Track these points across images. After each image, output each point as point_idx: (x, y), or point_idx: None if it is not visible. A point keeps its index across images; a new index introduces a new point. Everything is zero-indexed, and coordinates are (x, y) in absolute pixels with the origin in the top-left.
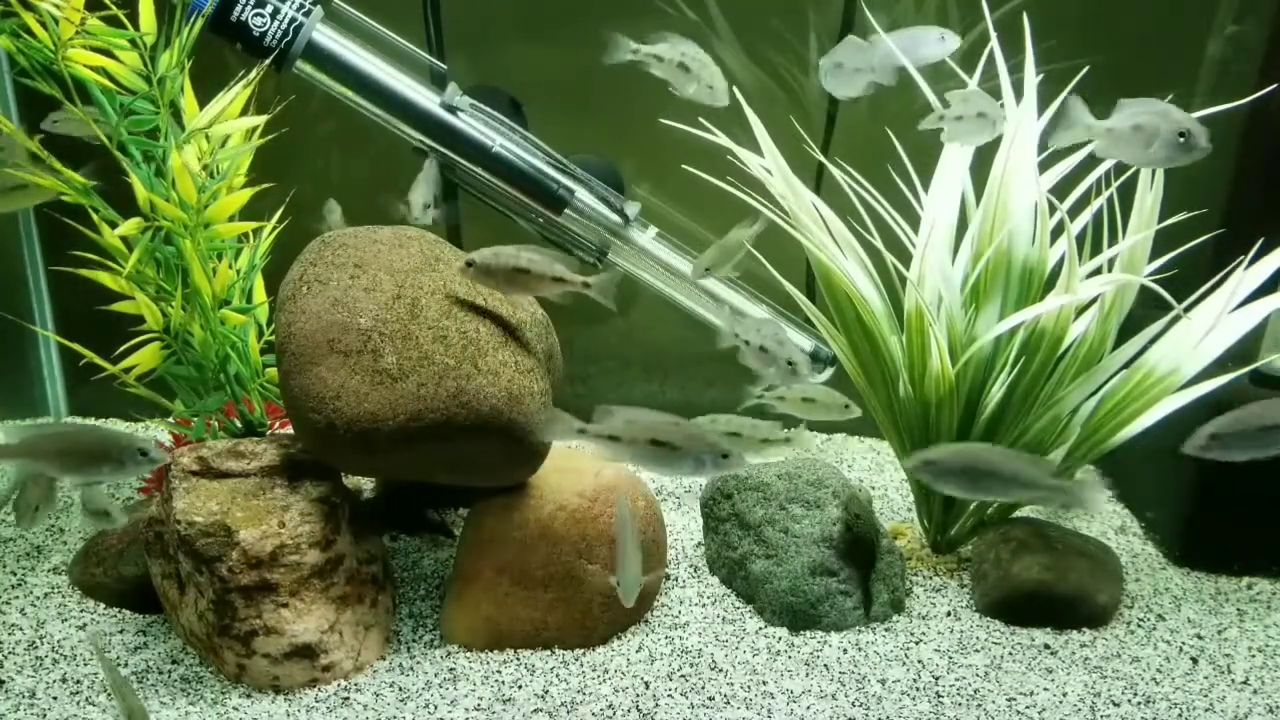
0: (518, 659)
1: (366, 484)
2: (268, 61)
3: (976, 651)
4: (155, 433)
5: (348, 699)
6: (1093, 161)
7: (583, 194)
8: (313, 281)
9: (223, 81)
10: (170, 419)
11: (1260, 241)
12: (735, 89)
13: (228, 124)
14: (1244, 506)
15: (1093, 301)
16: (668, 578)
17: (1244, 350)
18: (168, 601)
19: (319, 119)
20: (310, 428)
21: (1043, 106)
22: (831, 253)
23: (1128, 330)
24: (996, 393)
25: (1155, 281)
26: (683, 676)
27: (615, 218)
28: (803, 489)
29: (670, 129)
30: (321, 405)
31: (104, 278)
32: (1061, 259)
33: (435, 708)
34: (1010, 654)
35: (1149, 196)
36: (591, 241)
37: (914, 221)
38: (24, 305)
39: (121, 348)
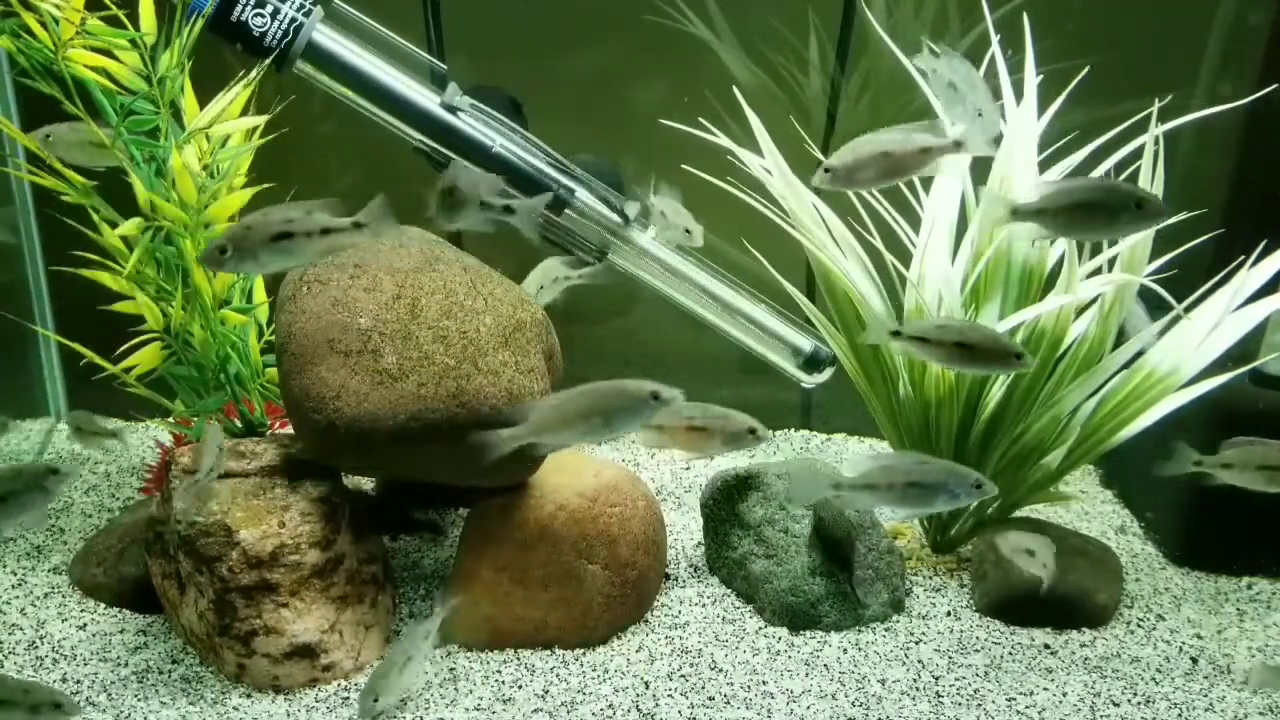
0: (518, 659)
1: (367, 484)
2: (268, 62)
3: (976, 651)
4: (155, 433)
5: (348, 699)
6: (1094, 160)
7: (583, 194)
8: (313, 281)
9: (223, 81)
10: (170, 419)
11: (1264, 243)
12: (735, 89)
13: (228, 124)
14: (1244, 506)
15: (1093, 301)
16: (667, 578)
17: (1244, 350)
18: (168, 601)
19: (319, 119)
20: (310, 428)
21: (1042, 106)
22: (831, 253)
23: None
24: (996, 393)
25: (1155, 281)
26: (683, 676)
27: (615, 218)
28: None
29: (670, 129)
30: (322, 405)
31: (104, 278)
32: (1061, 259)
33: (435, 708)
34: (1010, 654)
35: None
36: (591, 241)
37: (914, 221)
38: (24, 305)
39: (122, 348)
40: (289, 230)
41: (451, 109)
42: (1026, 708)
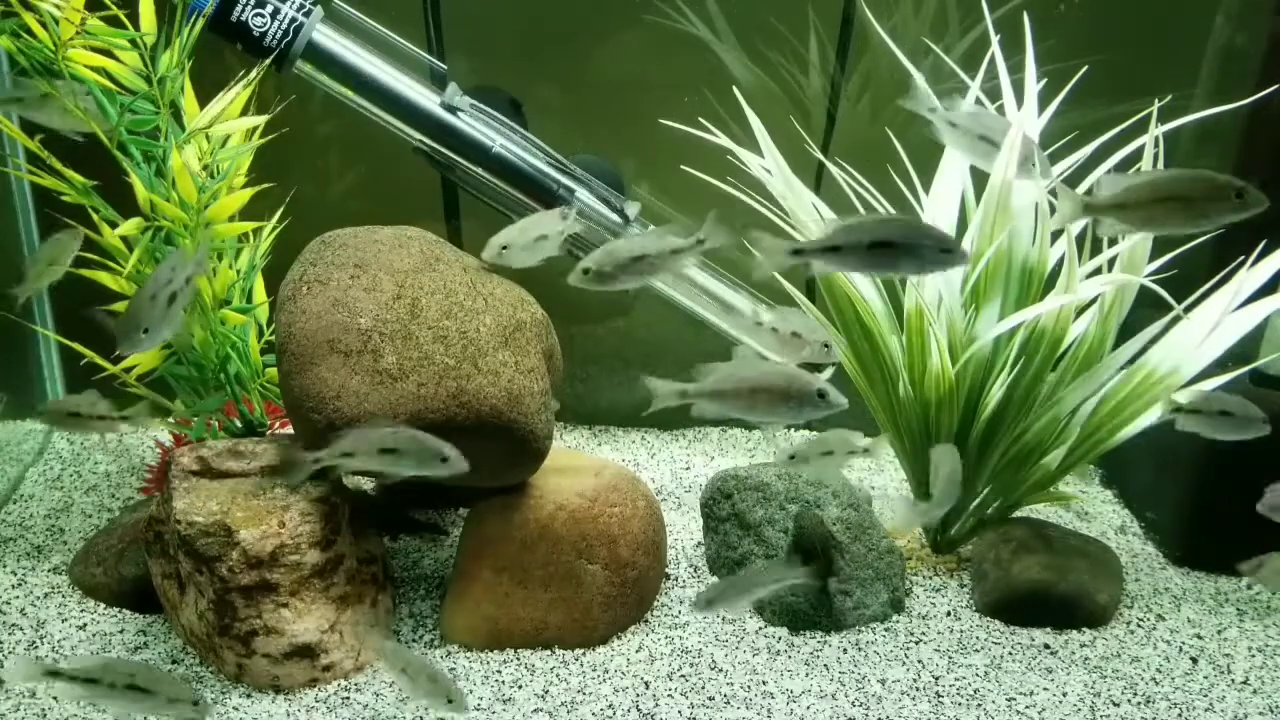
0: (518, 659)
1: (367, 484)
2: (268, 62)
3: (976, 651)
4: (155, 433)
5: (348, 699)
6: (1093, 160)
7: (583, 194)
8: (313, 281)
9: (223, 81)
10: (170, 419)
11: (1264, 243)
12: (735, 89)
13: (228, 124)
14: (1244, 506)
15: (1093, 301)
16: (668, 578)
17: (1244, 350)
18: (168, 601)
19: (319, 119)
20: (310, 428)
21: (1042, 106)
22: None
23: (1128, 330)
24: (996, 393)
25: (1155, 282)
26: (683, 676)
27: (615, 218)
28: (803, 489)
29: (670, 129)
30: (322, 405)
31: (104, 278)
32: (1061, 259)
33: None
34: (1010, 654)
35: None
36: (591, 242)
37: None
38: (24, 305)
39: None
40: (174, 291)
41: (451, 109)
42: (1026, 708)
